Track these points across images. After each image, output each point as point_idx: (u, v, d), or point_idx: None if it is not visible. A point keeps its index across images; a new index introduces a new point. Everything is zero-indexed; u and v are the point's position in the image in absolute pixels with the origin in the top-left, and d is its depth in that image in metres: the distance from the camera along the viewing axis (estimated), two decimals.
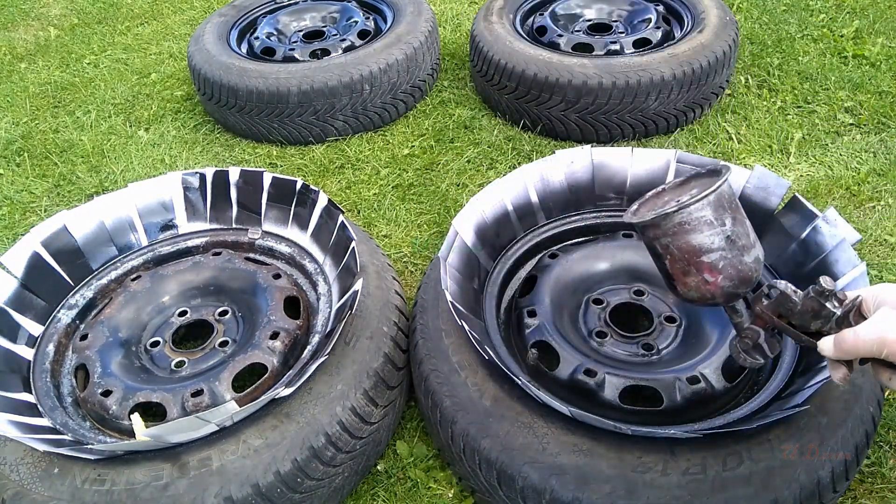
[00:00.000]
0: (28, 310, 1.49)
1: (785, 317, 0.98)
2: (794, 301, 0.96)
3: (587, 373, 1.25)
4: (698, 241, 0.98)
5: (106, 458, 1.17)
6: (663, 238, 1.00)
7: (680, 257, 1.00)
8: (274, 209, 1.69)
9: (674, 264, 1.01)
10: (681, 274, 1.02)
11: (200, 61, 2.44)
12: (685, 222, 0.97)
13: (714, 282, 1.00)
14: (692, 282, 1.01)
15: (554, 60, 2.18)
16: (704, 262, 0.99)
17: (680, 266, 1.01)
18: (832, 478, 1.09)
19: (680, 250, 0.99)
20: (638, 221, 1.01)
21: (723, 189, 0.98)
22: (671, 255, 1.01)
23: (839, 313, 0.92)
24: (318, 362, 1.24)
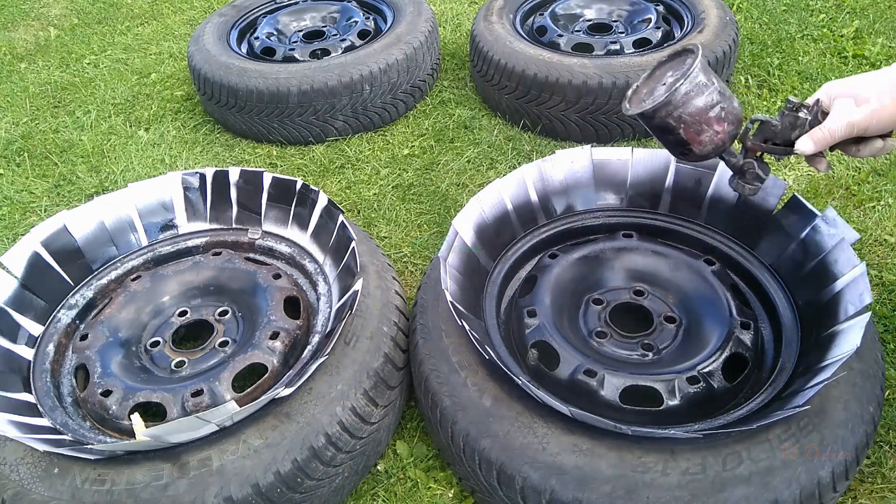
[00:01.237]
0: (28, 310, 1.49)
1: (770, 140, 1.18)
2: (775, 123, 1.17)
3: (587, 373, 1.25)
4: (704, 101, 1.13)
5: (106, 458, 1.17)
6: (675, 111, 1.13)
7: (693, 122, 1.14)
8: (274, 209, 1.69)
9: (688, 130, 1.15)
10: (695, 135, 1.15)
11: (200, 61, 2.44)
12: (690, 90, 1.12)
13: (722, 130, 1.16)
14: (706, 138, 1.16)
15: (554, 60, 2.18)
16: (712, 117, 1.14)
17: (694, 129, 1.15)
18: (832, 478, 1.09)
19: (691, 115, 1.13)
20: (652, 106, 1.13)
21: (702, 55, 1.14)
22: (684, 123, 1.14)
23: (810, 117, 1.14)
24: (318, 362, 1.24)
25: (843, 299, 1.24)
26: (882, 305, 1.67)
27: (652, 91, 1.20)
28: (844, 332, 1.18)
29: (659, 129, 1.17)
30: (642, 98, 1.21)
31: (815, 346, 1.26)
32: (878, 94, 1.08)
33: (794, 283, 1.41)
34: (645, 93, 1.22)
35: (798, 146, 1.13)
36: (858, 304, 1.20)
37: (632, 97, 1.23)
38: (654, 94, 1.18)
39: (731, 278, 1.47)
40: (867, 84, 1.10)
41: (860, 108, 1.08)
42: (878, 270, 1.77)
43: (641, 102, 1.19)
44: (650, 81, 1.23)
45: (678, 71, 1.18)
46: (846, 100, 1.10)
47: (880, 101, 1.07)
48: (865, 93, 1.09)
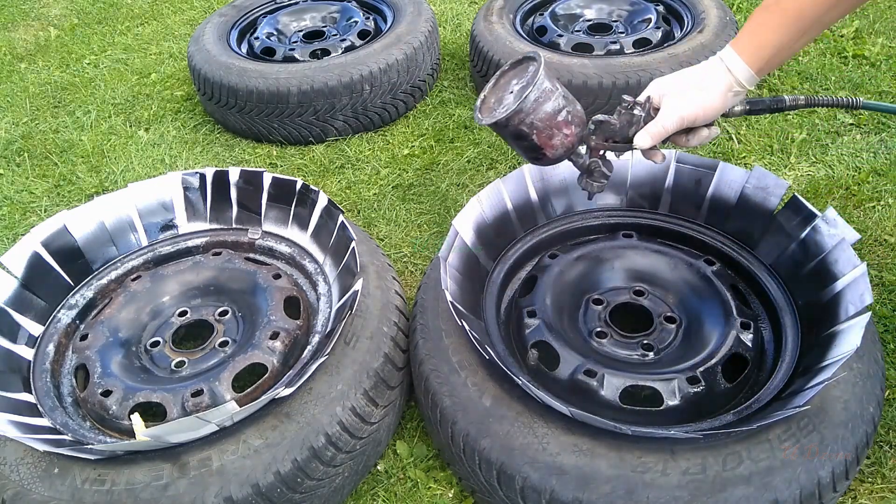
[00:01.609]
0: (28, 310, 1.49)
1: (610, 138, 1.23)
2: (613, 122, 1.22)
3: (587, 373, 1.25)
4: (552, 107, 1.17)
5: (106, 458, 1.17)
6: (527, 118, 1.15)
7: (544, 127, 1.17)
8: (274, 209, 1.69)
9: (540, 135, 1.18)
10: (547, 140, 1.19)
11: (200, 61, 2.44)
12: (539, 97, 1.15)
13: (571, 132, 1.20)
14: (557, 141, 1.19)
15: (554, 60, 2.18)
16: (561, 121, 1.18)
17: (546, 134, 1.18)
18: (832, 478, 1.09)
19: (542, 121, 1.17)
20: (504, 115, 1.15)
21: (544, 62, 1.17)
22: (536, 129, 1.17)
23: (643, 114, 1.20)
24: (318, 362, 1.24)
25: (844, 299, 1.24)
26: (882, 305, 1.67)
27: (500, 100, 1.22)
28: (844, 332, 1.18)
29: (513, 136, 1.20)
30: (492, 107, 1.23)
31: (815, 346, 1.26)
32: (700, 88, 1.16)
33: (794, 283, 1.41)
34: (493, 102, 1.24)
35: (636, 141, 1.19)
36: (859, 305, 1.20)
37: (481, 107, 1.24)
38: (504, 102, 1.21)
39: (731, 278, 1.47)
40: (690, 79, 1.18)
41: (688, 102, 1.16)
42: (879, 270, 1.77)
43: (492, 112, 1.21)
44: (496, 91, 1.25)
45: (522, 78, 1.21)
46: (674, 95, 1.17)
47: (704, 93, 1.16)
48: (690, 87, 1.17)
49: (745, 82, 1.16)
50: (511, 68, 1.25)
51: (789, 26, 1.12)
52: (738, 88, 1.17)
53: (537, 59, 1.18)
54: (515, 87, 1.21)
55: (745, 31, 1.16)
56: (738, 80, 1.15)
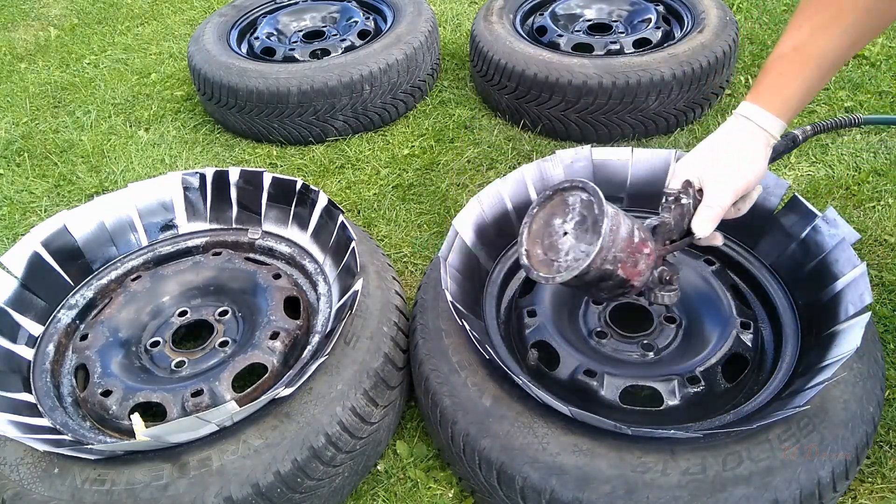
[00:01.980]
0: (28, 310, 1.49)
1: (668, 239, 1.13)
2: (668, 221, 1.12)
3: (587, 373, 1.25)
4: (626, 230, 1.05)
5: (106, 458, 1.17)
6: (609, 253, 1.03)
7: (626, 257, 1.05)
8: (274, 209, 1.69)
9: (625, 267, 1.06)
10: (633, 268, 1.07)
11: (200, 61, 2.44)
12: (613, 226, 1.03)
13: (651, 250, 1.09)
14: (643, 266, 1.08)
15: (554, 60, 2.18)
16: (638, 242, 1.07)
17: (630, 262, 1.06)
18: (832, 478, 1.09)
19: (624, 251, 1.05)
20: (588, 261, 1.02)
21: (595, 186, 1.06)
22: (621, 261, 1.05)
23: (691, 200, 1.11)
24: (318, 362, 1.24)
25: (844, 299, 1.24)
26: (882, 305, 1.67)
27: (554, 246, 1.09)
28: (844, 332, 1.18)
29: (595, 280, 1.06)
30: (550, 259, 1.09)
31: (815, 346, 1.26)
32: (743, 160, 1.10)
33: (794, 283, 1.41)
34: (543, 252, 1.10)
35: (697, 231, 1.11)
36: (859, 304, 1.20)
37: (533, 265, 1.10)
38: (562, 247, 1.07)
39: (731, 278, 1.47)
40: (727, 154, 1.12)
41: (736, 175, 1.10)
42: (879, 270, 1.77)
43: (553, 263, 1.07)
44: (537, 240, 1.11)
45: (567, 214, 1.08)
46: (717, 173, 1.11)
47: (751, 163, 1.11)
48: (731, 162, 1.11)
49: (776, 134, 1.12)
50: (540, 208, 1.12)
51: (812, 72, 1.07)
52: (772, 141, 1.13)
53: (580, 186, 1.06)
54: (565, 226, 1.08)
55: (766, 83, 1.11)
56: (772, 136, 1.12)
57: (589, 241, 1.04)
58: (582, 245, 1.05)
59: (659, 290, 1.14)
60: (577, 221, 1.07)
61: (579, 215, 1.07)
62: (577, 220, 1.07)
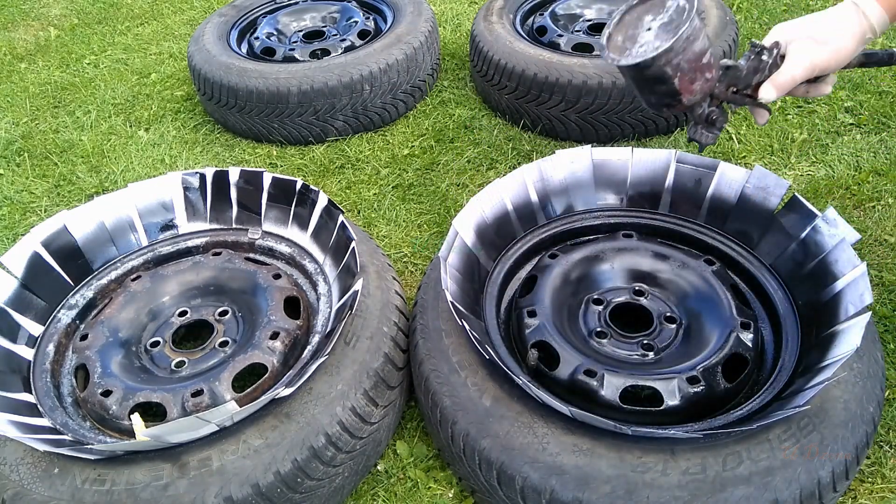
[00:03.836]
0: (28, 310, 1.49)
1: (734, 86, 1.13)
2: (742, 68, 1.12)
3: (587, 373, 1.25)
4: (699, 47, 1.04)
5: (106, 458, 1.17)
6: (675, 58, 1.04)
7: (689, 69, 1.05)
8: (274, 209, 1.69)
9: (683, 79, 1.06)
10: (689, 83, 1.07)
11: (200, 61, 2.44)
12: (690, 35, 1.02)
13: (712, 76, 1.09)
14: (698, 86, 1.08)
15: (554, 60, 2.18)
16: (705, 63, 1.06)
17: (689, 77, 1.06)
18: (832, 478, 1.09)
19: (689, 63, 1.04)
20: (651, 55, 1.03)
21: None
22: (681, 70, 1.05)
23: (770, 60, 1.11)
24: (318, 362, 1.24)
25: (844, 299, 1.24)
26: (882, 305, 1.67)
27: (634, 38, 1.10)
28: (844, 332, 1.18)
29: (651, 80, 1.08)
30: (623, 46, 1.10)
31: (815, 346, 1.26)
32: (835, 33, 1.10)
33: (794, 283, 1.41)
34: (622, 40, 1.11)
35: (762, 94, 1.13)
36: (859, 304, 1.20)
37: (608, 45, 1.11)
38: (639, 40, 1.08)
39: (731, 278, 1.47)
40: (822, 24, 1.11)
41: (821, 49, 1.09)
42: (879, 270, 1.77)
43: (626, 50, 1.09)
44: (622, 27, 1.13)
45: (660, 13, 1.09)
46: (804, 41, 1.11)
47: (839, 40, 1.10)
48: (822, 33, 1.10)
49: (879, 29, 1.10)
50: (640, 3, 1.12)
51: None
52: (870, 35, 1.11)
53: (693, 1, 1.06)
54: (653, 23, 1.09)
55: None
56: (872, 27, 1.10)
57: (665, 39, 1.05)
58: (657, 42, 1.06)
59: (701, 128, 1.18)
60: (664, 22, 1.08)
61: (669, 18, 1.07)
62: (665, 22, 1.07)
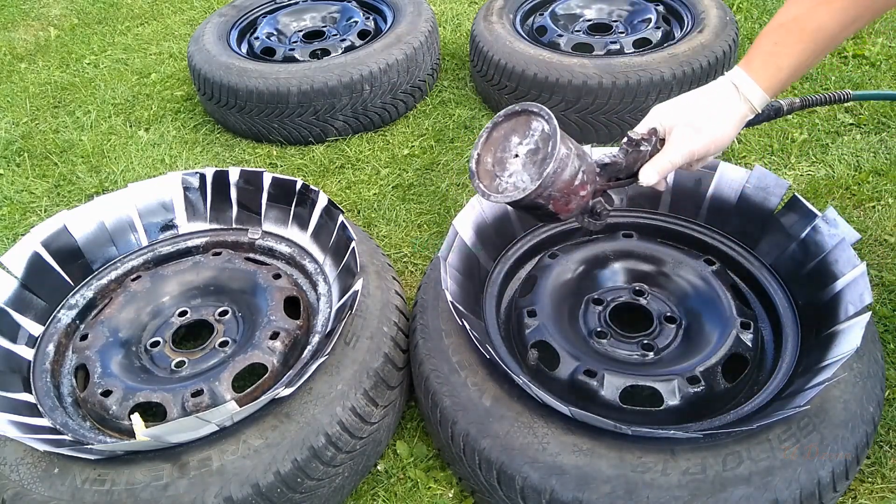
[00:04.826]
0: (28, 310, 1.49)
1: (614, 178, 1.15)
2: (619, 162, 1.12)
3: (587, 373, 1.25)
4: (569, 174, 1.05)
5: (106, 458, 1.17)
6: (545, 192, 1.04)
7: (561, 196, 1.06)
8: (274, 209, 1.69)
9: (557, 203, 1.07)
10: (564, 206, 1.09)
11: (200, 61, 2.44)
12: (558, 168, 1.03)
13: (587, 192, 1.10)
14: (573, 205, 1.10)
15: (554, 60, 2.18)
16: (577, 185, 1.07)
17: (563, 201, 1.08)
18: (832, 478, 1.09)
19: (560, 191, 1.06)
20: (523, 196, 1.03)
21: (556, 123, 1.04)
22: (553, 199, 1.06)
23: (650, 148, 1.12)
24: (318, 362, 1.24)
25: (844, 299, 1.24)
26: (882, 305, 1.67)
27: (503, 163, 1.09)
28: (844, 332, 1.18)
29: (525, 208, 1.09)
30: (493, 173, 1.09)
31: (815, 346, 1.26)
32: (713, 121, 1.10)
33: (794, 283, 1.41)
34: (492, 165, 1.10)
35: (642, 178, 1.13)
36: (858, 304, 1.20)
37: (478, 171, 1.10)
38: (508, 167, 1.08)
39: (731, 278, 1.47)
40: (701, 110, 1.11)
41: (700, 137, 1.09)
42: (878, 270, 1.77)
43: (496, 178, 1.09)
44: (491, 148, 1.11)
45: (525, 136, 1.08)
46: (683, 128, 1.10)
47: (718, 128, 1.10)
48: (700, 120, 1.10)
49: (759, 107, 1.11)
50: (506, 120, 1.11)
51: (807, 45, 1.05)
52: (750, 116, 1.12)
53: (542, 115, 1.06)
54: (520, 147, 1.08)
55: (760, 52, 1.09)
56: (753, 107, 1.10)
57: (532, 174, 1.05)
58: (525, 175, 1.05)
59: (588, 217, 1.18)
60: (530, 149, 1.07)
61: (535, 144, 1.07)
62: (532, 149, 1.07)
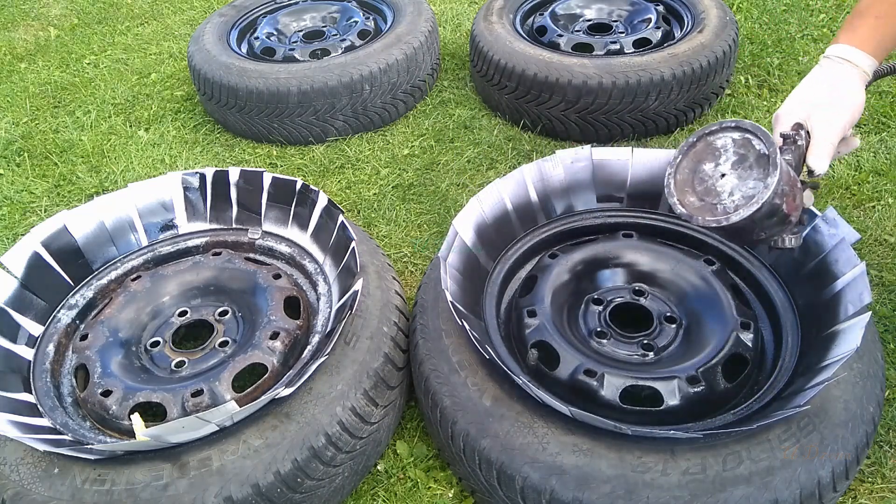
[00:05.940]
0: (28, 310, 1.49)
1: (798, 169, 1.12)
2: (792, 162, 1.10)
3: (587, 373, 1.25)
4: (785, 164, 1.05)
5: (106, 458, 1.17)
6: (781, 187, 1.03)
7: (789, 190, 1.05)
8: (274, 209, 1.69)
9: (788, 200, 1.05)
10: (792, 202, 1.07)
11: (200, 61, 2.44)
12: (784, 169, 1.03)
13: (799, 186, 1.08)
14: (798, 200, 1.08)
15: (554, 60, 2.18)
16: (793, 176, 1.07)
17: (791, 196, 1.06)
18: (832, 478, 1.09)
19: (788, 184, 1.05)
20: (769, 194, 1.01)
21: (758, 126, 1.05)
22: (786, 195, 1.04)
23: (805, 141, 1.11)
24: (318, 362, 1.24)
25: (843, 299, 1.24)
26: (882, 305, 1.67)
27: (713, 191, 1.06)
28: (844, 332, 1.18)
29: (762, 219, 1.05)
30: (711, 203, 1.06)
31: (815, 346, 1.26)
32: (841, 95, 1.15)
33: (794, 283, 1.41)
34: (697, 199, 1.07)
35: (815, 168, 1.14)
36: (858, 304, 1.20)
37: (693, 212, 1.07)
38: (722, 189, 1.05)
39: (731, 278, 1.47)
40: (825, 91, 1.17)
41: (839, 112, 1.14)
42: (878, 270, 1.77)
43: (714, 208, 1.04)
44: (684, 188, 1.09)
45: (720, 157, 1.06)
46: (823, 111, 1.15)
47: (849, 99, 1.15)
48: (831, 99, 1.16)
49: (870, 72, 1.17)
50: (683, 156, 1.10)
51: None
52: (866, 79, 1.18)
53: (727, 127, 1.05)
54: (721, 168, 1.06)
55: (863, 25, 1.16)
56: (867, 73, 1.17)
57: (757, 176, 1.03)
58: (750, 182, 1.03)
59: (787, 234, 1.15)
60: (734, 161, 1.05)
61: (735, 155, 1.05)
62: (735, 160, 1.05)
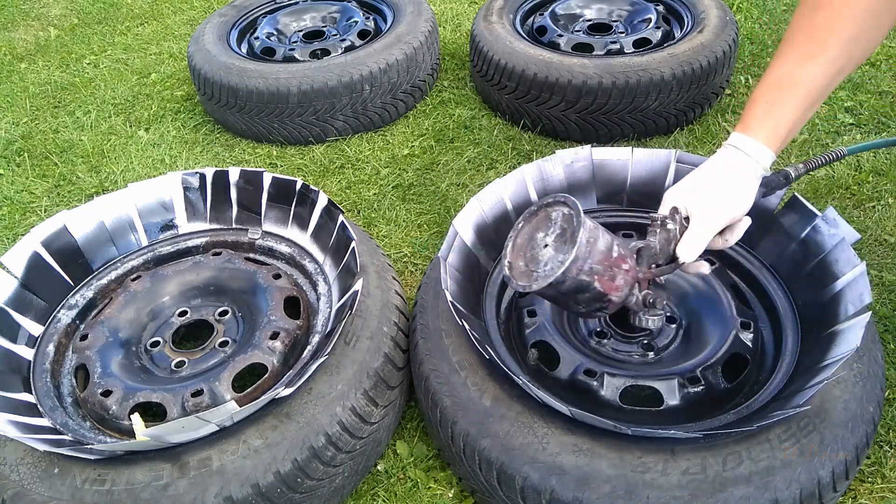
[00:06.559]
0: (28, 310, 1.49)
1: (653, 263, 1.13)
2: (653, 245, 1.11)
3: (587, 373, 1.25)
4: (604, 244, 1.06)
5: (106, 458, 1.17)
6: (585, 263, 1.04)
7: (603, 270, 1.06)
8: (274, 209, 1.69)
9: (602, 279, 1.06)
10: (610, 282, 1.07)
11: (200, 61, 2.44)
12: (589, 237, 1.04)
13: (630, 266, 1.08)
14: (620, 280, 1.07)
15: (554, 60, 2.18)
16: (616, 257, 1.06)
17: (608, 275, 1.06)
18: (832, 478, 1.09)
19: (600, 263, 1.05)
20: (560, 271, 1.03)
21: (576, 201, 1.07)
22: (598, 274, 1.05)
23: (678, 226, 1.11)
24: (318, 362, 1.24)
25: (843, 299, 1.24)
26: (882, 305, 1.67)
27: (535, 259, 1.10)
28: (844, 332, 1.18)
29: (572, 292, 1.07)
30: (531, 270, 1.09)
31: (815, 346, 1.26)
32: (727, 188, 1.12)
33: (794, 282, 1.41)
34: (525, 265, 1.11)
35: (681, 256, 1.12)
36: (858, 304, 1.20)
37: (514, 275, 1.11)
38: (541, 259, 1.08)
39: (731, 278, 1.47)
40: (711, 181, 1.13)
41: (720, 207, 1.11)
42: (878, 270, 1.77)
43: (534, 274, 1.08)
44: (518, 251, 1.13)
45: (549, 228, 1.09)
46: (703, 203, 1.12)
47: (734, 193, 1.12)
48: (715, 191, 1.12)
49: (767, 166, 1.13)
50: (526, 223, 1.13)
51: (802, 99, 1.08)
52: (763, 173, 1.14)
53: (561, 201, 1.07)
54: (547, 238, 1.09)
55: (755, 113, 1.11)
56: (762, 167, 1.12)
57: (566, 251, 1.05)
58: (560, 255, 1.06)
59: (643, 314, 1.16)
60: (557, 234, 1.08)
61: (559, 228, 1.08)
62: (558, 233, 1.08)
